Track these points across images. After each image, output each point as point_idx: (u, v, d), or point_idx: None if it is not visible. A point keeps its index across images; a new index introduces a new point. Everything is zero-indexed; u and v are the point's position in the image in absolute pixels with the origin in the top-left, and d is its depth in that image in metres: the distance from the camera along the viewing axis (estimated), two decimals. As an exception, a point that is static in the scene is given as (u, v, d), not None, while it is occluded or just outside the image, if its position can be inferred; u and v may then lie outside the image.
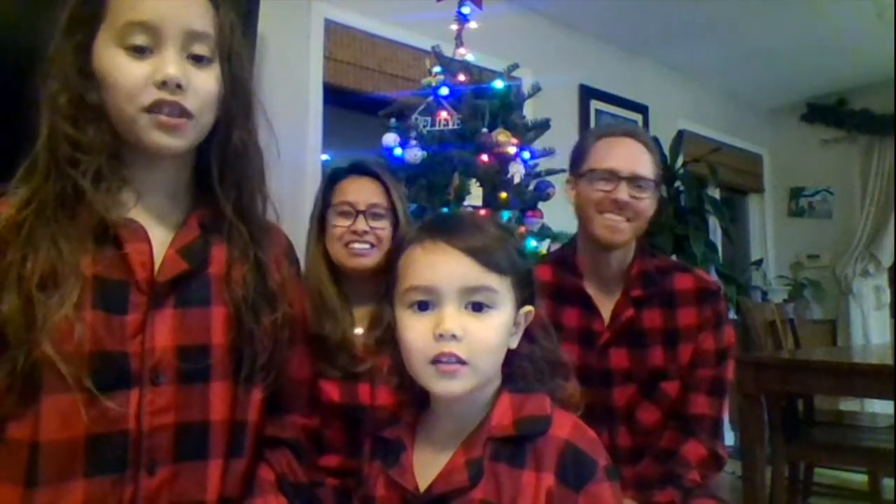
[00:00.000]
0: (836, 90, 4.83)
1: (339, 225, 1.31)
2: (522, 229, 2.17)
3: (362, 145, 2.41)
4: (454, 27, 2.28)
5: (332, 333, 1.27)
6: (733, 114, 4.96)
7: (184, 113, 0.78)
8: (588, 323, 1.31)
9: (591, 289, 1.33)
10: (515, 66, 2.33)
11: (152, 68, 0.76)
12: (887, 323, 4.62)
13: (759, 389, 2.22)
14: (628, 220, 1.25)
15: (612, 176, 1.26)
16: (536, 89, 2.35)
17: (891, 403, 2.34)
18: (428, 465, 0.77)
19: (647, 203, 1.27)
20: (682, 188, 4.00)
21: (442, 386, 0.73)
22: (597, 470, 0.72)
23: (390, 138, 2.16)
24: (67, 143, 0.76)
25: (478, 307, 0.74)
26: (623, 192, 1.24)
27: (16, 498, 0.71)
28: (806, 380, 2.21)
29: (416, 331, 0.74)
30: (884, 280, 4.68)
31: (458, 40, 2.28)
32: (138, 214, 0.83)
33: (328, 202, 1.34)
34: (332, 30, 2.86)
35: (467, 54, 2.28)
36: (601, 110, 3.99)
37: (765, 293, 4.76)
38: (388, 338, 0.85)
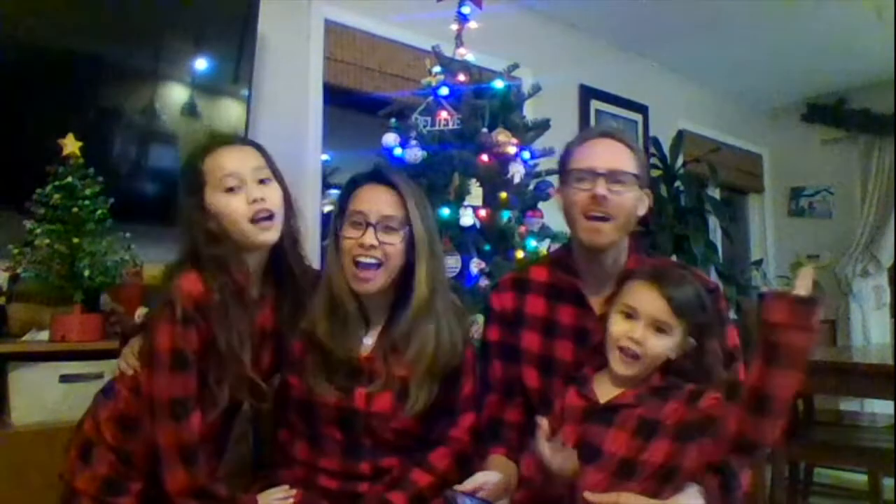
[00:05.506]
0: (836, 90, 4.83)
1: (348, 237, 1.26)
2: (522, 229, 2.17)
3: (362, 145, 2.41)
4: (454, 27, 2.28)
5: (338, 350, 1.25)
6: (733, 114, 4.96)
7: None
8: (582, 321, 1.33)
9: (587, 288, 1.34)
10: (515, 66, 2.33)
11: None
12: (887, 323, 4.62)
13: (759, 389, 2.22)
14: (609, 219, 1.26)
15: (590, 173, 1.27)
16: (536, 89, 2.35)
17: (891, 403, 2.34)
18: (602, 394, 1.20)
19: (628, 198, 1.27)
20: (682, 188, 3.99)
21: (621, 366, 1.18)
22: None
23: (390, 138, 2.16)
24: None
25: (660, 329, 1.16)
26: (601, 188, 1.25)
27: None
28: (806, 380, 2.21)
29: (616, 326, 1.19)
30: (884, 280, 4.68)
31: (458, 40, 2.28)
32: None
33: (343, 210, 1.30)
34: (332, 30, 2.86)
35: (467, 54, 2.27)
36: (601, 110, 3.99)
37: (765, 293, 4.76)
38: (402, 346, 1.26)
